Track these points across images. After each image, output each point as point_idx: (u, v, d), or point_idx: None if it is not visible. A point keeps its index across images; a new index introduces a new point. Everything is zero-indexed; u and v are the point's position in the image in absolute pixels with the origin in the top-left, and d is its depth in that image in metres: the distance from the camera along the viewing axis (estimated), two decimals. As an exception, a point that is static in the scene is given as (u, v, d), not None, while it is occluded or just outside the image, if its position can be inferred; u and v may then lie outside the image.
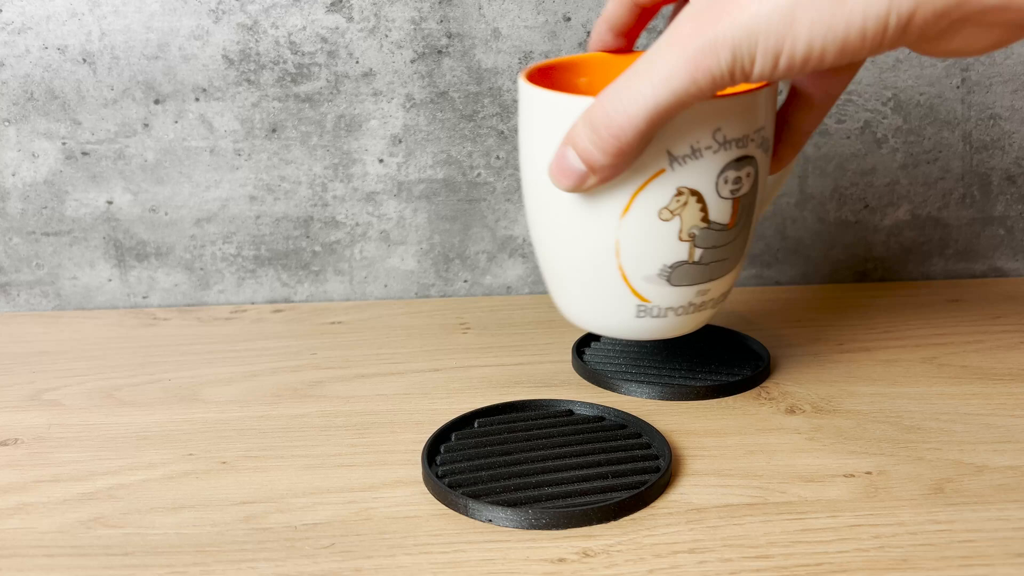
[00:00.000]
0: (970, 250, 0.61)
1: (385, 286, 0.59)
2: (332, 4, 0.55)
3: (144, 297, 0.59)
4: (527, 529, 0.33)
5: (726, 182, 0.36)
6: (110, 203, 0.57)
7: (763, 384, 0.45)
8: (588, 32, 0.56)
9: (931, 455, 0.38)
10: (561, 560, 0.31)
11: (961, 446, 0.39)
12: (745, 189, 0.37)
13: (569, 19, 0.56)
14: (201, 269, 0.58)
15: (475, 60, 0.56)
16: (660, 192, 0.36)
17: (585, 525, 0.33)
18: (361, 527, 0.34)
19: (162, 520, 0.34)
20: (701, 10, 0.29)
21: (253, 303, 0.59)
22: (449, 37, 0.56)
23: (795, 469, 0.37)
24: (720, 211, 0.37)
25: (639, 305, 0.38)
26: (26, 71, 0.55)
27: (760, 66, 0.29)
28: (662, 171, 0.35)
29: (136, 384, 0.47)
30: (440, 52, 0.56)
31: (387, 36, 0.55)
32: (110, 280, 0.58)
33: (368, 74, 0.56)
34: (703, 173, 0.36)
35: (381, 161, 0.57)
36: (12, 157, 0.56)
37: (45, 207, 0.57)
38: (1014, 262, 0.61)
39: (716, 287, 0.39)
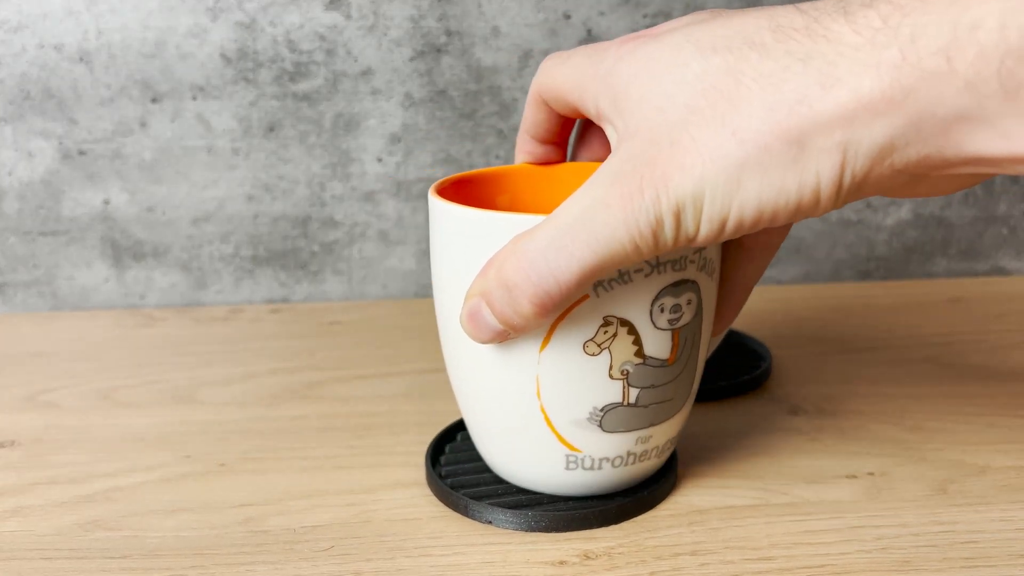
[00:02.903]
0: (973, 249, 0.61)
1: (384, 286, 0.59)
2: (330, 2, 0.55)
3: (141, 297, 0.58)
4: (528, 531, 0.33)
5: (662, 310, 0.31)
6: (107, 202, 0.57)
7: (765, 384, 0.45)
8: (589, 30, 0.56)
9: (934, 455, 0.38)
10: (562, 562, 0.31)
11: (964, 446, 0.39)
12: (687, 319, 0.31)
13: (569, 17, 0.56)
14: (198, 269, 0.58)
15: (474, 58, 0.56)
16: (584, 322, 0.30)
17: (586, 528, 0.33)
18: (361, 529, 0.33)
19: (160, 523, 0.34)
20: (639, 167, 0.26)
21: (251, 303, 0.59)
22: (448, 35, 0.55)
23: (797, 470, 0.37)
24: (657, 344, 0.31)
25: (568, 455, 0.32)
26: (22, 70, 0.54)
27: (706, 231, 0.26)
28: (585, 298, 0.30)
29: (133, 385, 0.47)
30: (439, 50, 0.56)
31: (386, 34, 0.55)
32: (107, 280, 0.58)
33: (366, 72, 0.56)
34: (634, 300, 0.30)
35: (380, 160, 0.57)
36: (8, 156, 0.56)
37: (41, 207, 0.57)
38: (1017, 261, 0.61)
39: (659, 433, 0.33)
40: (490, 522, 0.33)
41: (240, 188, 0.57)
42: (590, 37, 0.56)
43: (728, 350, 0.48)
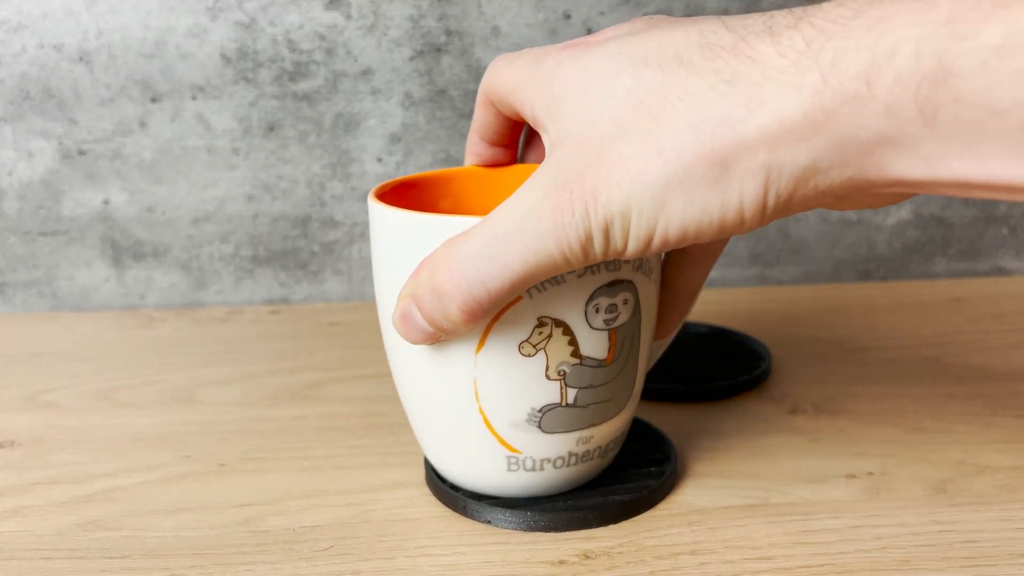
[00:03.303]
0: (973, 249, 0.61)
1: (384, 286, 0.59)
2: (330, 2, 0.55)
3: (141, 297, 0.58)
4: (527, 531, 0.33)
5: (597, 311, 0.31)
6: (107, 202, 0.57)
7: (765, 384, 0.45)
8: (589, 30, 0.56)
9: (934, 455, 0.38)
10: (561, 562, 0.31)
11: (964, 446, 0.39)
12: (623, 319, 0.31)
13: (569, 17, 0.56)
14: (198, 269, 0.58)
15: (474, 58, 0.56)
16: (519, 323, 0.30)
17: (586, 527, 0.33)
18: (360, 529, 0.33)
19: (160, 523, 0.34)
20: (569, 180, 0.26)
21: (251, 303, 0.59)
22: (448, 35, 0.55)
23: (797, 470, 0.37)
24: (594, 345, 0.31)
25: (509, 456, 0.32)
26: (22, 70, 0.54)
27: (633, 246, 0.27)
28: (519, 299, 0.30)
29: (133, 385, 0.47)
30: (439, 50, 0.56)
31: (385, 34, 0.55)
32: (107, 280, 0.58)
33: (366, 72, 0.56)
34: (568, 300, 0.30)
35: (380, 160, 0.57)
36: (8, 156, 0.56)
37: (41, 207, 0.57)
38: (1017, 261, 0.61)
39: (600, 433, 0.33)
40: (489, 521, 0.33)
41: (240, 188, 0.57)
42: (590, 37, 0.56)
43: (728, 350, 0.48)
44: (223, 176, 0.57)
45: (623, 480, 0.35)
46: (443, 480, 0.35)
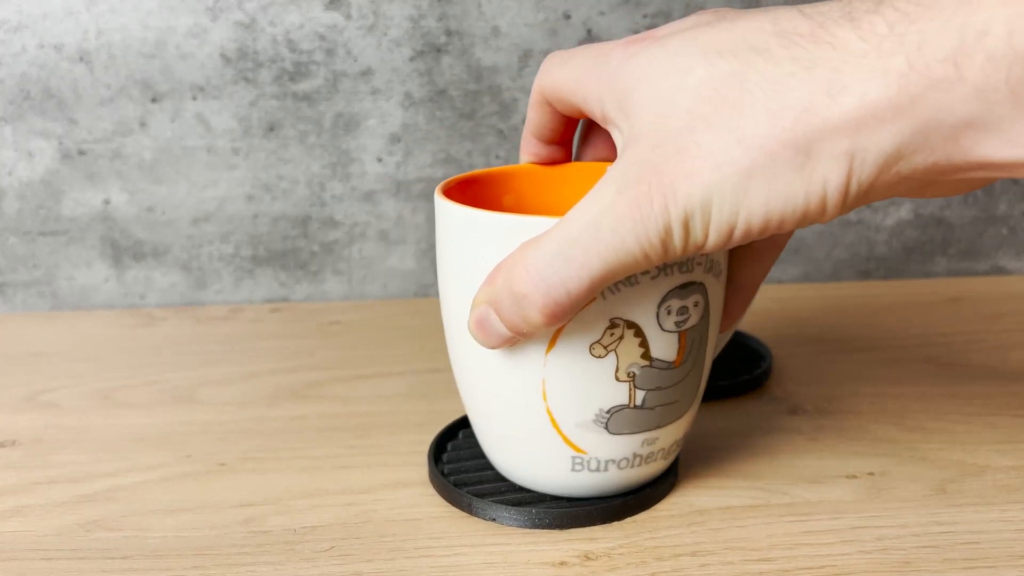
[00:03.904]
0: (973, 249, 0.61)
1: (384, 286, 0.59)
2: (330, 2, 0.55)
3: (141, 297, 0.58)
4: (530, 528, 0.33)
5: (669, 312, 0.30)
6: (107, 202, 0.57)
7: (765, 384, 0.45)
8: (589, 30, 0.56)
9: (934, 455, 0.38)
10: (562, 563, 0.31)
11: (964, 446, 0.39)
12: (693, 321, 0.31)
13: (569, 17, 0.56)
14: (198, 269, 0.58)
15: (474, 58, 0.56)
16: (590, 324, 0.30)
17: (588, 525, 0.33)
18: (361, 530, 0.33)
19: (160, 523, 0.34)
20: (646, 174, 0.26)
21: (251, 303, 0.59)
22: (448, 35, 0.55)
23: (797, 470, 0.37)
24: (664, 347, 0.31)
25: (574, 457, 0.32)
26: (22, 69, 0.54)
27: (714, 239, 0.26)
28: (592, 300, 0.29)
29: (133, 385, 0.47)
30: (439, 50, 0.55)
31: (385, 34, 0.55)
32: (107, 280, 0.58)
33: (366, 72, 0.56)
34: (640, 302, 0.30)
35: (380, 160, 0.57)
36: (8, 156, 0.56)
37: (41, 207, 0.57)
38: (1017, 261, 0.61)
39: (665, 435, 0.33)
40: (494, 519, 0.33)
41: (240, 188, 0.57)
42: (590, 37, 0.56)
43: (728, 350, 0.48)
44: (223, 176, 0.57)
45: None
46: (447, 477, 0.35)
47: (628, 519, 0.34)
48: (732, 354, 0.47)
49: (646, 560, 0.31)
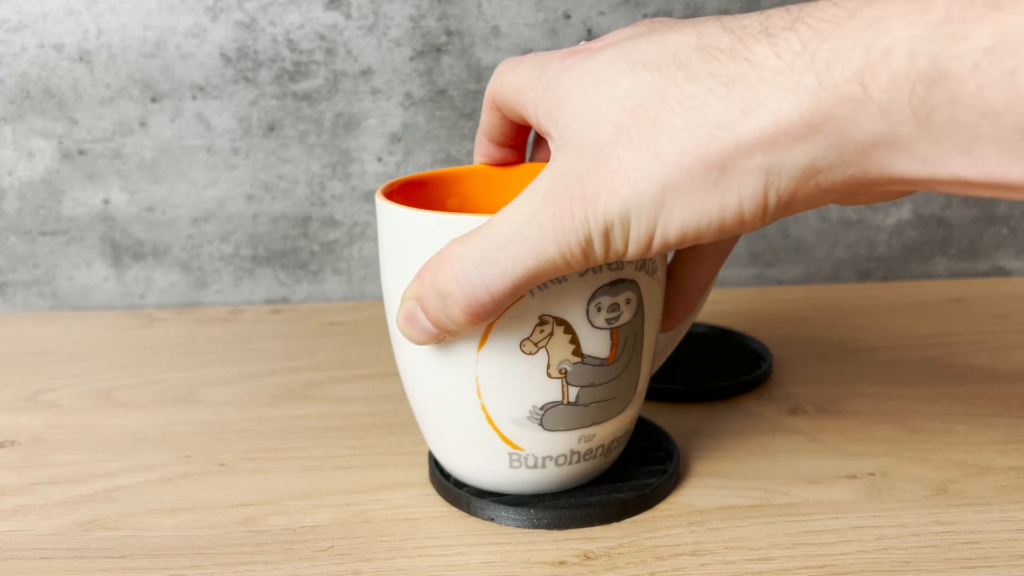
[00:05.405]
0: (973, 249, 0.61)
1: (384, 285, 0.59)
2: (330, 2, 0.55)
3: (141, 297, 0.58)
4: (529, 528, 0.33)
5: (599, 309, 0.31)
6: (107, 202, 0.57)
7: (765, 385, 0.45)
8: (589, 30, 0.56)
9: (934, 456, 0.38)
10: (562, 563, 0.31)
11: (964, 447, 0.39)
12: (626, 318, 0.31)
13: (569, 16, 0.56)
14: (198, 269, 0.58)
15: (474, 58, 0.56)
16: (520, 321, 0.30)
17: (587, 525, 0.33)
18: (360, 529, 0.33)
19: (160, 522, 0.34)
20: (570, 186, 0.27)
21: (251, 303, 0.59)
22: (448, 35, 0.55)
23: (797, 470, 0.37)
24: (595, 343, 0.31)
25: (511, 453, 0.33)
26: (23, 69, 0.54)
27: (634, 248, 0.27)
28: (521, 297, 0.30)
29: (133, 385, 0.47)
30: (439, 50, 0.55)
31: (386, 34, 0.55)
32: (107, 280, 0.58)
33: (366, 72, 0.56)
34: (569, 299, 0.30)
35: (380, 160, 0.57)
36: (8, 156, 0.56)
37: (42, 206, 0.57)
38: (1017, 261, 0.61)
39: (602, 432, 0.33)
40: (492, 519, 0.33)
41: (240, 188, 0.57)
42: (590, 37, 0.56)
43: (729, 350, 0.48)
44: (223, 176, 0.57)
45: (626, 477, 0.36)
46: (447, 477, 0.35)
47: (628, 519, 0.34)
48: (732, 354, 0.47)
49: (646, 560, 0.31)
